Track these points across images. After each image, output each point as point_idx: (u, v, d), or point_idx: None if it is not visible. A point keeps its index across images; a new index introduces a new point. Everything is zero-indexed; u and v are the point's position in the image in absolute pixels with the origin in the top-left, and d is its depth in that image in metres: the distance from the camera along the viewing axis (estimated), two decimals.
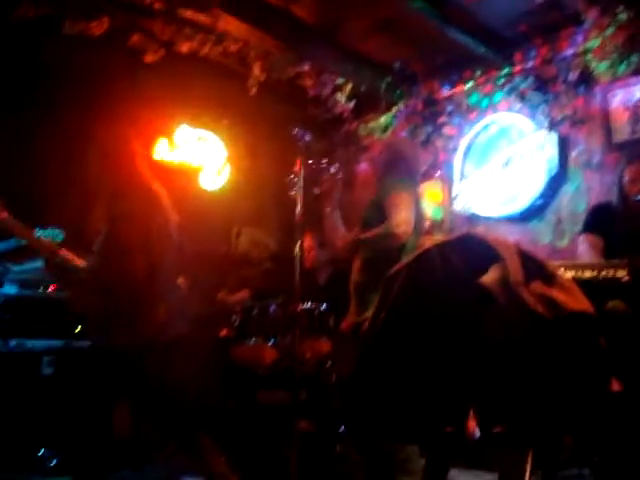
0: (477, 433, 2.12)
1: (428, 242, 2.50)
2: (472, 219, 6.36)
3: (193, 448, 3.39)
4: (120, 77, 5.80)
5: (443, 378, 1.99)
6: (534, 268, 2.09)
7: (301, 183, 3.64)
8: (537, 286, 2.04)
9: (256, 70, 6.27)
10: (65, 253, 3.40)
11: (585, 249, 3.88)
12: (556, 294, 2.03)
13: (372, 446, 3.24)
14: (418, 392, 2.00)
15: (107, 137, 3.54)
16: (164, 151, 6.65)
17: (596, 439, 2.83)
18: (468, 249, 2.12)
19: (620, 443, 3.07)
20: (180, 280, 4.00)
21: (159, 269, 3.34)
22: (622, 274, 3.24)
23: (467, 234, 2.22)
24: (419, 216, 3.67)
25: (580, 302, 2.13)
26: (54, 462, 4.64)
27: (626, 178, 3.92)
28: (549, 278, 2.11)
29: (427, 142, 6.78)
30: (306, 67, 6.49)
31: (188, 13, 5.56)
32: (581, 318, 2.06)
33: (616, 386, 2.44)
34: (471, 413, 2.12)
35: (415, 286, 2.07)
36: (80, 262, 3.40)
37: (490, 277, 1.97)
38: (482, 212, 6.28)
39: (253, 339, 5.04)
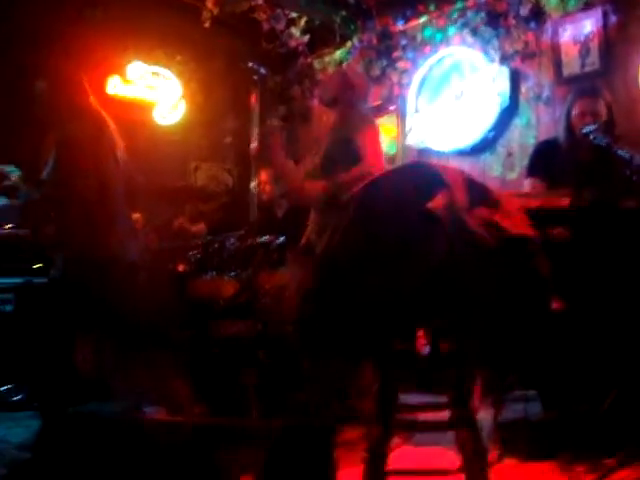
0: (426, 350, 2.25)
1: None
2: (425, 153, 6.44)
3: (157, 378, 3.50)
4: (73, 11, 5.71)
5: (393, 297, 2.10)
6: (479, 195, 2.19)
7: (256, 117, 3.68)
8: (481, 211, 2.15)
9: (209, 3, 6.22)
10: (16, 178, 3.44)
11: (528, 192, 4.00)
12: (499, 219, 2.14)
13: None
14: (370, 310, 2.11)
15: (54, 66, 3.54)
16: (119, 86, 6.59)
17: (540, 361, 2.97)
18: (417, 176, 2.21)
19: (563, 365, 3.24)
20: (136, 216, 4.03)
21: (109, 191, 3.39)
22: (567, 203, 3.37)
23: (416, 162, 2.32)
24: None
25: (523, 227, 2.25)
26: (19, 397, 4.71)
27: (574, 111, 3.99)
28: (493, 205, 2.22)
29: (382, 76, 6.81)
30: (260, 0, 6.44)
31: None
32: (523, 242, 2.18)
33: (557, 305, 2.59)
34: (421, 331, 2.25)
35: (367, 210, 2.17)
36: (31, 188, 3.44)
37: (436, 202, 2.08)
38: (434, 146, 6.37)
39: (212, 273, 5.11)
